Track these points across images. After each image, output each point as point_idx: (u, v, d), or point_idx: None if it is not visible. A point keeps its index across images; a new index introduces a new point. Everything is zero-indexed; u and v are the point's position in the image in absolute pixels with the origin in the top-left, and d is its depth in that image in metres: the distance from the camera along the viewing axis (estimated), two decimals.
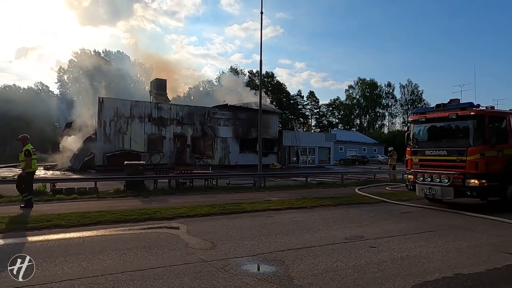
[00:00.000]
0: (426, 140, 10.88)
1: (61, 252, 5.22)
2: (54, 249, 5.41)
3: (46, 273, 4.30)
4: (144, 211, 8.37)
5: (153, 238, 6.14)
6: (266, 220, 7.77)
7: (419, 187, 10.18)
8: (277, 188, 14.02)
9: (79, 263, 4.69)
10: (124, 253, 5.18)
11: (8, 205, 9.67)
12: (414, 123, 11.77)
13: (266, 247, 5.55)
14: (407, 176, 12.37)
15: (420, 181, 10.20)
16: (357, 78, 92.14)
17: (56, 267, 4.52)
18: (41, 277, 4.14)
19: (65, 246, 5.59)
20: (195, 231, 6.67)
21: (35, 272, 4.22)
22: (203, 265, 4.63)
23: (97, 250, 5.31)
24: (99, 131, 24.05)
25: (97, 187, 11.75)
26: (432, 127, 10.77)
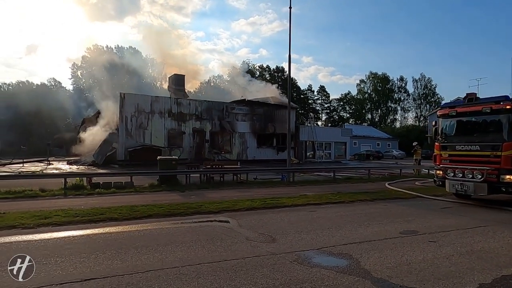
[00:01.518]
0: (456, 134, 10.74)
1: (130, 244, 5.38)
2: (121, 241, 5.57)
3: (127, 263, 4.46)
4: (188, 205, 8.53)
5: (210, 231, 6.28)
6: (311, 215, 7.85)
7: (450, 183, 10.07)
8: (306, 183, 14.09)
9: (152, 254, 4.85)
10: (190, 245, 5.32)
11: (52, 198, 9.95)
12: (442, 118, 11.59)
13: (326, 240, 5.63)
14: (436, 172, 12.21)
15: (451, 176, 10.09)
16: (369, 72, 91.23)
17: (133, 258, 4.68)
18: (130, 267, 4.30)
19: (131, 238, 5.75)
20: (247, 224, 6.79)
21: (131, 264, 4.39)
22: (274, 257, 4.74)
23: (162, 243, 5.46)
24: (121, 127, 24.38)
25: (132, 182, 11.97)
26: (462, 121, 10.62)
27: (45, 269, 4.26)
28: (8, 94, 61.05)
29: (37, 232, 6.20)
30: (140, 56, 73.17)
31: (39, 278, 3.97)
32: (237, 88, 45.10)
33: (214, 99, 31.36)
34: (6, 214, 7.34)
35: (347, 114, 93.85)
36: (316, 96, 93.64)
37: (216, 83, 77.96)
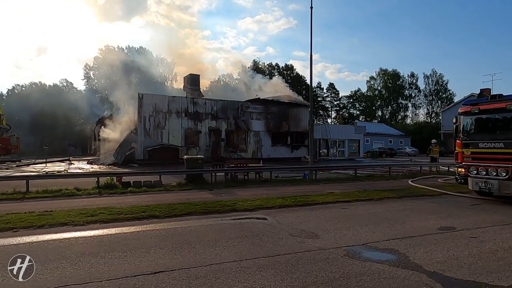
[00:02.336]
0: (478, 132, 10.75)
1: (182, 240, 5.66)
2: (172, 237, 5.84)
3: (187, 258, 4.74)
4: (223, 203, 8.80)
5: (253, 228, 6.52)
6: (344, 212, 8.05)
7: (473, 180, 10.10)
8: (328, 180, 14.27)
9: (207, 249, 5.11)
10: (240, 241, 5.58)
11: (88, 197, 10.33)
12: (464, 115, 11.56)
13: (368, 237, 5.83)
14: (457, 169, 12.21)
15: (474, 174, 10.12)
16: (379, 69, 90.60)
17: (190, 253, 4.96)
18: (191, 261, 4.57)
19: (180, 235, 6.03)
20: (285, 221, 7.01)
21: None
22: (324, 252, 4.97)
23: (212, 239, 5.72)
24: (139, 126, 24.84)
25: (161, 180, 12.31)
26: (485, 118, 10.62)
27: (113, 263, 4.57)
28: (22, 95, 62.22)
29: (88, 229, 6.53)
30: (151, 56, 73.99)
31: (117, 271, 4.26)
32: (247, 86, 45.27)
33: (224, 97, 31.58)
34: (54, 212, 7.72)
35: (357, 111, 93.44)
36: (326, 93, 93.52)
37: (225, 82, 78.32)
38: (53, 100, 58.21)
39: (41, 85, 68.88)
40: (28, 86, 68.52)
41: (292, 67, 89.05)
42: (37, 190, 10.81)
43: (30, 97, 58.17)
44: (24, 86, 68.78)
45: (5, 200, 9.54)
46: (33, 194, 10.43)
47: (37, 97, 57.90)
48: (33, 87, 67.21)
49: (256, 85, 43.49)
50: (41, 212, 7.73)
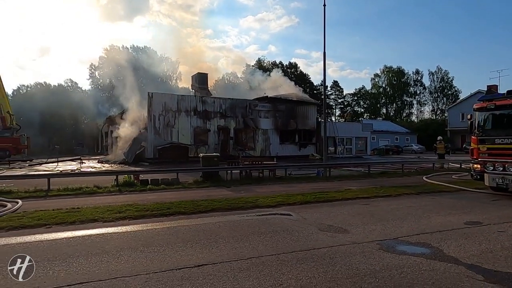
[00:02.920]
0: (494, 128, 10.76)
1: (215, 234, 5.76)
2: (204, 232, 5.95)
3: (226, 252, 4.85)
4: (244, 200, 8.91)
5: (281, 223, 6.62)
6: (366, 208, 8.13)
7: (490, 176, 10.12)
8: (342, 177, 14.34)
9: (243, 243, 5.22)
10: (272, 235, 5.67)
11: (109, 194, 10.48)
12: (479, 111, 11.52)
13: (397, 231, 5.91)
14: (473, 166, 12.21)
15: (490, 170, 10.14)
16: (383, 66, 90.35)
17: (226, 247, 5.07)
18: (230, 254, 4.69)
19: (211, 230, 6.13)
20: (310, 217, 7.11)
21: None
22: (359, 246, 5.06)
23: (244, 233, 5.83)
24: (149, 125, 24.99)
25: (178, 178, 12.44)
26: (501, 114, 10.62)
27: (154, 256, 4.69)
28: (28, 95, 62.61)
29: (119, 225, 6.66)
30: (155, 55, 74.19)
31: (160, 264, 4.38)
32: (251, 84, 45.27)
33: (229, 96, 31.58)
34: (81, 209, 7.86)
35: (362, 109, 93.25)
36: (330, 91, 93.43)
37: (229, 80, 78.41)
38: (58, 100, 58.51)
39: (46, 85, 69.32)
40: (33, 86, 68.95)
41: (296, 65, 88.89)
42: (58, 188, 10.97)
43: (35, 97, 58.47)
44: (29, 86, 69.23)
45: (29, 198, 9.69)
46: (55, 192, 10.59)
47: (43, 97, 58.18)
48: (38, 87, 67.64)
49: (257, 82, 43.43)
50: (68, 209, 7.88)
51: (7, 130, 31.57)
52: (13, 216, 7.20)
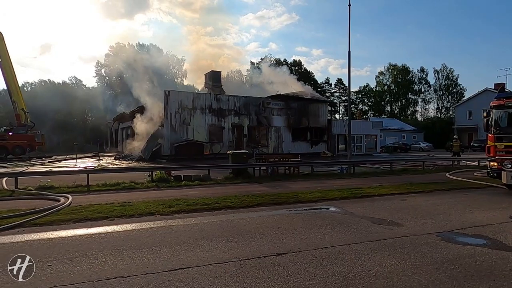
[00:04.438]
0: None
1: (276, 226, 6.07)
2: (265, 224, 6.26)
3: (295, 242, 5.16)
4: (285, 195, 9.23)
5: (332, 217, 6.92)
6: (406, 203, 8.42)
7: (508, 174, 10.23)
8: (367, 174, 14.65)
9: (307, 235, 5.53)
10: (332, 228, 5.99)
11: (148, 190, 10.80)
12: (496, 108, 11.69)
13: (449, 224, 6.21)
14: (489, 163, 12.37)
15: (508, 168, 10.31)
16: (388, 64, 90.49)
17: (295, 237, 5.38)
18: (297, 245, 4.99)
19: (270, 223, 6.44)
20: (357, 212, 7.40)
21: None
22: (420, 238, 5.36)
23: (303, 226, 6.14)
24: (166, 123, 25.31)
25: (209, 174, 12.76)
26: None
27: (234, 245, 5.00)
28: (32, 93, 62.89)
29: (176, 218, 6.98)
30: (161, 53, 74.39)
31: (242, 252, 4.69)
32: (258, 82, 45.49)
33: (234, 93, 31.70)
34: (133, 203, 8.18)
35: (366, 106, 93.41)
36: (334, 89, 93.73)
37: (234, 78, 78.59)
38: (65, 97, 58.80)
39: (51, 83, 69.61)
40: (38, 83, 69.23)
41: (300, 62, 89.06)
42: (97, 183, 11.31)
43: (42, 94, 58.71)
44: (34, 84, 69.54)
45: (73, 193, 10.00)
46: (95, 187, 10.93)
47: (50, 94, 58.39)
48: (42, 85, 67.93)
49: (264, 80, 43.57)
50: (120, 203, 8.21)
51: (22, 127, 31.94)
52: (71, 210, 7.52)
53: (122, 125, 40.94)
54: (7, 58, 31.30)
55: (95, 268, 4.20)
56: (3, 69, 31.08)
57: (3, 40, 31.16)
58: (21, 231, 6.04)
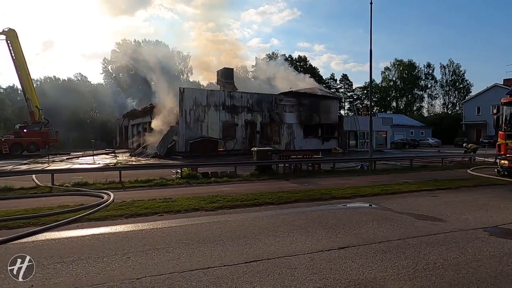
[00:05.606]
0: None
1: (323, 222, 6.32)
2: (312, 220, 6.51)
3: (348, 238, 5.41)
4: (317, 191, 9.46)
5: (373, 213, 7.16)
6: (439, 199, 8.64)
7: None
8: (388, 171, 14.84)
9: (358, 230, 5.77)
10: (379, 224, 6.22)
11: (180, 186, 11.07)
12: (507, 105, 11.74)
13: (490, 220, 6.44)
14: (500, 161, 12.46)
15: None
16: (394, 60, 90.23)
17: (346, 233, 5.63)
18: (349, 240, 5.24)
19: (315, 219, 6.69)
20: (395, 208, 7.62)
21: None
22: (468, 233, 5.60)
23: (350, 221, 6.38)
24: (180, 120, 25.58)
25: (236, 171, 13.03)
26: None
27: (292, 240, 5.25)
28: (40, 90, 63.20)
29: (221, 213, 7.25)
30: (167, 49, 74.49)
31: (301, 247, 4.95)
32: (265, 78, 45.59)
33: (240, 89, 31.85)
34: (175, 200, 8.44)
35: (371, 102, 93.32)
36: (339, 84, 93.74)
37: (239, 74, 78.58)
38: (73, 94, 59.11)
39: (56, 79, 69.87)
40: (43, 80, 69.49)
41: (305, 58, 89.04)
42: (128, 180, 11.60)
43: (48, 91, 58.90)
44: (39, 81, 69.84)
45: (108, 189, 10.27)
46: (127, 184, 11.20)
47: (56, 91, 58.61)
48: (48, 81, 68.20)
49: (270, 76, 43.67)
50: (161, 199, 8.48)
51: (36, 125, 32.37)
52: (118, 206, 7.79)
53: (133, 121, 41.30)
54: (21, 55, 31.65)
55: (173, 260, 4.47)
56: (18, 67, 31.44)
57: (17, 37, 31.49)
58: (80, 226, 6.34)
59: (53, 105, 53.97)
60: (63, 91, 58.51)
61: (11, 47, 30.97)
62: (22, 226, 6.28)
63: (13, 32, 31.15)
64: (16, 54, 31.24)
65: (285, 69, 46.53)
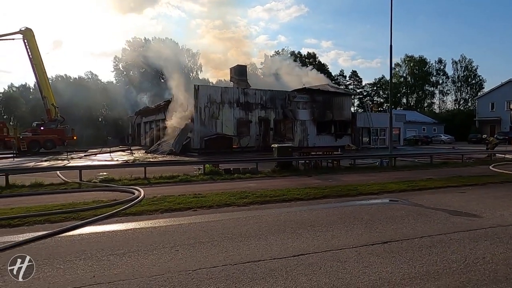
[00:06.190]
0: None
1: (358, 217, 6.37)
2: (344, 215, 6.57)
3: (391, 232, 5.45)
4: (344, 187, 9.51)
5: (407, 209, 7.16)
6: (467, 195, 8.60)
7: None
8: (408, 167, 14.79)
9: (396, 225, 5.81)
10: (416, 219, 6.24)
11: (205, 182, 11.19)
12: None
13: None
14: None
15: None
16: (404, 56, 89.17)
17: (385, 228, 5.67)
18: (391, 235, 5.28)
19: (350, 214, 6.74)
20: (426, 203, 7.61)
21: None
22: (508, 228, 5.60)
23: (385, 216, 6.41)
24: (195, 117, 25.77)
25: (257, 167, 13.11)
26: None
27: (335, 234, 5.32)
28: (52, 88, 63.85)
29: (253, 209, 7.34)
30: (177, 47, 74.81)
31: (345, 240, 5.01)
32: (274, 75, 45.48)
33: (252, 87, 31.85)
34: (205, 196, 8.55)
35: (381, 99, 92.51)
36: (348, 81, 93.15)
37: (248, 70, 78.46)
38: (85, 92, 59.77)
39: (67, 78, 70.66)
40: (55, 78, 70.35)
41: (315, 55, 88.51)
42: (153, 176, 11.79)
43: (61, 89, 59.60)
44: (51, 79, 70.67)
45: (135, 185, 10.44)
46: (153, 180, 11.39)
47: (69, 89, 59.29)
48: (59, 80, 69.04)
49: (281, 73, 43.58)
50: (191, 195, 8.59)
51: (53, 122, 32.91)
52: (151, 201, 7.94)
53: (145, 119, 41.69)
54: (37, 54, 32.14)
55: (222, 253, 4.58)
56: (34, 65, 31.96)
57: (34, 36, 31.98)
58: (119, 220, 6.50)
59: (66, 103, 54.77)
60: (75, 89, 59.17)
61: (28, 46, 31.46)
62: (64, 220, 6.47)
63: (30, 31, 31.62)
64: (33, 53, 31.73)
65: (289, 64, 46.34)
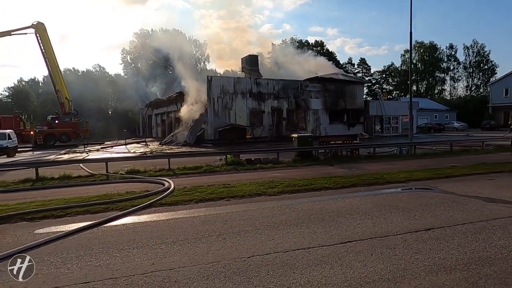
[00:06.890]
0: None
1: (393, 205, 6.42)
2: (379, 204, 6.62)
3: (425, 220, 5.50)
4: (370, 176, 9.53)
5: (439, 197, 7.18)
6: (496, 182, 8.59)
7: None
8: (429, 155, 14.72)
9: (434, 212, 5.86)
10: (451, 206, 6.27)
11: (228, 173, 11.32)
12: None
13: None
14: None
15: None
16: (414, 42, 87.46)
17: (423, 215, 5.72)
18: (428, 222, 5.32)
19: (383, 202, 6.80)
20: (456, 191, 7.62)
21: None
22: None
23: (420, 204, 6.46)
24: (209, 108, 25.85)
25: (278, 157, 13.19)
26: None
27: (377, 222, 5.39)
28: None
29: (284, 198, 7.45)
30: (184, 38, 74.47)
31: (385, 228, 5.08)
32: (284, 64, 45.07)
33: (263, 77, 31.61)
34: (234, 186, 8.66)
35: (390, 86, 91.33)
36: (357, 68, 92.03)
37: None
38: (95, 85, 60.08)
39: (75, 71, 70.91)
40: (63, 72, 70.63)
41: (322, 43, 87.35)
42: (177, 167, 11.95)
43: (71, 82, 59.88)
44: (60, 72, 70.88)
45: (161, 176, 10.60)
46: (178, 171, 11.54)
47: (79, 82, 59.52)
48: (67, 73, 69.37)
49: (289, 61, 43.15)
50: (220, 185, 8.72)
51: (67, 115, 33.32)
52: (183, 192, 8.07)
53: (156, 111, 41.91)
54: (50, 48, 32.37)
55: (269, 241, 4.69)
56: (47, 59, 32.23)
57: (45, 30, 32.16)
58: (157, 210, 6.65)
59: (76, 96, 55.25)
60: (84, 83, 59.48)
61: (40, 40, 31.68)
62: (103, 210, 6.65)
63: (41, 25, 31.80)
64: (45, 47, 31.96)
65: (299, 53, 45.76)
